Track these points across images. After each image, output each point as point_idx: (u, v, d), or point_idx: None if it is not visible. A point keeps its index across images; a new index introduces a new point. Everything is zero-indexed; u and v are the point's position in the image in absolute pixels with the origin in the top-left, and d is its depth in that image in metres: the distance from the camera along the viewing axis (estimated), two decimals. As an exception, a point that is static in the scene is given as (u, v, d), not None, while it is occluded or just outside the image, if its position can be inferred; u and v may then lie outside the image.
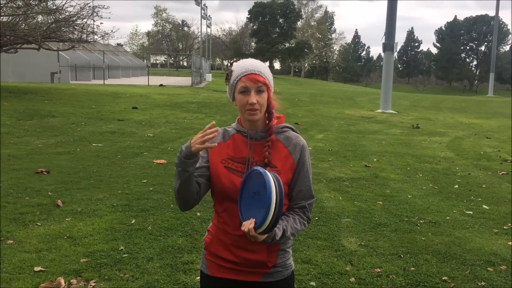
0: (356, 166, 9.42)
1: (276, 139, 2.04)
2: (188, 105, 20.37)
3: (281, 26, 68.06)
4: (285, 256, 2.10)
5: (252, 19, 69.05)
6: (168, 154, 9.79)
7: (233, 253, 2.04)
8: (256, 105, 1.95)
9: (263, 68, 2.03)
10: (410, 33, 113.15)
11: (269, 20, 66.92)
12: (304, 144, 2.07)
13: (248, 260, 2.03)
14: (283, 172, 2.00)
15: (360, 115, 21.12)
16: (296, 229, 2.01)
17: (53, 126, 13.12)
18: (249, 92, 1.96)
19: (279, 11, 66.43)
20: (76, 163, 8.51)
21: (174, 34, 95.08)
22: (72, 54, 31.59)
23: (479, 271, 4.40)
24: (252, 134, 2.03)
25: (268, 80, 2.01)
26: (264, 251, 2.02)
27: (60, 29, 21.09)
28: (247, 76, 1.96)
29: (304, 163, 2.05)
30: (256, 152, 2.02)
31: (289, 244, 2.13)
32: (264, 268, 2.05)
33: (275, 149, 2.03)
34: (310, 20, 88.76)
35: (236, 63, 2.07)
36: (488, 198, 7.27)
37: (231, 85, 2.01)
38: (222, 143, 2.09)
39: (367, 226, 5.62)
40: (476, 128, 17.71)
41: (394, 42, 23.23)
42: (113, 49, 47.61)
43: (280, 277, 2.09)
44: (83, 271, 4.08)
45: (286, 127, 2.10)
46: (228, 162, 2.04)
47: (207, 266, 2.15)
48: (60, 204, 5.90)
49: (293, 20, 68.82)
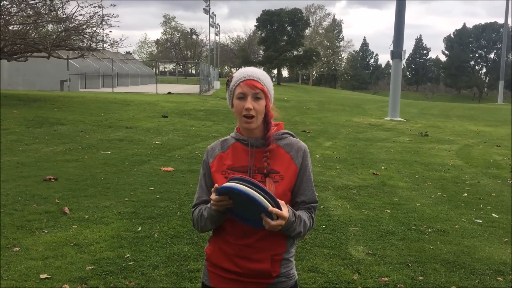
0: (364, 174, 9.37)
1: (277, 145, 2.03)
2: (196, 113, 20.42)
3: (289, 34, 68.19)
4: (289, 265, 2.07)
5: (260, 27, 69.23)
6: (176, 162, 9.80)
7: (236, 263, 2.00)
8: (252, 111, 1.94)
9: (263, 75, 2.02)
10: (419, 41, 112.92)
11: (277, 28, 67.07)
12: (306, 149, 2.06)
13: (251, 270, 2.00)
14: (286, 177, 1.98)
15: (368, 122, 21.05)
16: (306, 222, 1.97)
17: (62, 133, 13.20)
18: (246, 98, 1.95)
19: (287, 19, 66.58)
20: (84, 171, 8.54)
21: (183, 42, 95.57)
22: (81, 62, 31.86)
23: (488, 281, 4.33)
24: (253, 142, 2.02)
25: (267, 88, 2.00)
26: (268, 261, 1.99)
27: (70, 37, 21.30)
28: (245, 81, 1.96)
29: (306, 167, 2.03)
30: (257, 159, 2.01)
31: (292, 254, 2.10)
32: (267, 278, 2.01)
33: (276, 155, 2.01)
34: (318, 28, 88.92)
35: (238, 70, 2.08)
36: (498, 206, 7.19)
37: (230, 90, 2.02)
38: (221, 154, 2.09)
39: (375, 235, 5.57)
40: (485, 136, 17.57)
41: (402, 50, 23.17)
42: (122, 57, 47.99)
43: (284, 287, 2.06)
44: (88, 279, 4.07)
45: (286, 133, 2.09)
46: (228, 173, 2.03)
47: (209, 278, 2.11)
48: (67, 212, 5.91)
49: (301, 28, 68.93)
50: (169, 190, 7.31)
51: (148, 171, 8.75)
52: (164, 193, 7.08)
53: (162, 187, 7.51)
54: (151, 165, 9.41)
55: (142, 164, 9.48)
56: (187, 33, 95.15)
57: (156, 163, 9.56)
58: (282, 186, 1.97)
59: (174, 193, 7.13)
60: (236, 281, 2.04)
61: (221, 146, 2.11)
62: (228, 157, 2.06)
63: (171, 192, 7.16)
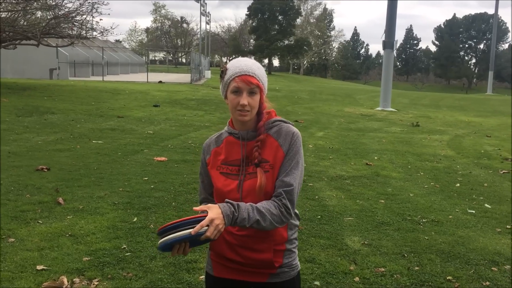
0: (357, 164, 9.40)
1: (267, 134, 2.01)
2: (188, 102, 20.32)
3: (280, 23, 67.89)
4: (291, 256, 2.08)
5: (251, 16, 68.85)
6: (169, 152, 9.76)
7: (238, 253, 2.01)
8: (246, 107, 1.93)
9: (258, 69, 2.00)
10: (409, 31, 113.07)
11: (268, 17, 66.74)
12: (294, 132, 1.99)
13: (254, 260, 2.00)
14: (276, 165, 1.96)
15: (360, 113, 21.10)
16: (268, 210, 1.86)
17: (53, 122, 13.07)
18: (241, 93, 1.94)
19: (278, 8, 66.26)
20: (77, 160, 8.48)
21: (173, 30, 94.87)
22: (71, 50, 31.49)
23: (483, 271, 4.38)
24: (244, 135, 2.02)
25: (261, 83, 1.98)
26: (271, 251, 1.99)
27: (59, 25, 20.99)
28: (241, 77, 1.94)
29: (290, 151, 1.96)
30: (250, 151, 2.01)
31: (295, 244, 2.10)
32: (270, 268, 2.02)
33: (266, 144, 1.99)
34: (309, 18, 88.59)
35: (231, 61, 2.05)
36: (490, 197, 7.26)
37: (225, 83, 2.00)
38: (216, 149, 2.10)
39: (370, 225, 5.60)
40: (476, 127, 17.70)
41: (394, 40, 23.19)
42: (112, 46, 47.49)
43: (287, 277, 2.06)
44: (85, 270, 4.05)
45: (277, 120, 2.06)
46: (222, 168, 2.04)
47: (212, 267, 2.13)
48: (61, 202, 5.86)
49: (292, 17, 68.63)
50: (163, 180, 7.28)
51: (141, 161, 8.71)
52: (158, 183, 7.05)
53: (156, 177, 7.47)
54: (144, 155, 9.36)
55: (135, 154, 9.43)
56: (177, 22, 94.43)
57: (149, 153, 9.52)
58: (271, 176, 1.95)
59: (169, 183, 7.10)
60: (239, 271, 2.05)
61: (216, 141, 2.12)
62: (222, 151, 2.07)
63: (165, 183, 7.13)
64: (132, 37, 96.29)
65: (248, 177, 1.97)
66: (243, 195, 1.96)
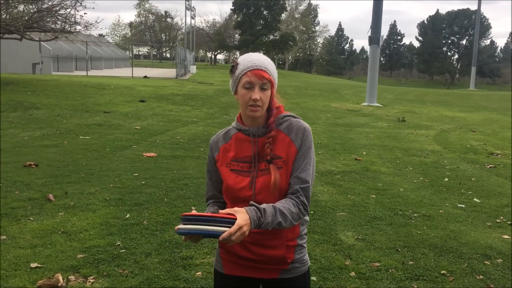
0: (346, 159, 9.45)
1: (278, 130, 1.99)
2: (174, 97, 20.19)
3: (266, 18, 67.77)
4: (302, 251, 2.08)
5: (236, 11, 68.63)
6: (157, 147, 9.69)
7: (250, 250, 1.99)
8: (258, 102, 1.90)
9: (269, 64, 1.98)
10: (393, 27, 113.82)
11: (254, 12, 66.59)
12: (306, 128, 1.99)
13: (266, 257, 1.99)
14: (289, 161, 1.94)
15: (346, 108, 21.19)
16: (288, 209, 1.86)
17: (38, 118, 12.89)
18: (253, 88, 1.91)
19: (263, 2, 66.11)
20: (65, 156, 8.37)
21: (157, 25, 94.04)
22: (54, 44, 31.00)
23: (476, 265, 4.43)
24: (254, 131, 1.99)
25: (273, 78, 1.96)
26: (283, 247, 1.98)
27: (43, 19, 20.66)
28: (253, 71, 1.91)
29: (303, 146, 1.96)
30: (261, 148, 1.98)
31: (305, 239, 2.11)
32: (282, 264, 2.02)
33: (278, 140, 1.97)
34: (294, 13, 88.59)
35: (242, 56, 2.02)
36: (479, 191, 7.36)
37: (235, 78, 1.96)
38: (224, 146, 2.06)
39: (363, 220, 5.63)
40: (460, 122, 17.90)
41: (380, 35, 23.31)
42: (96, 40, 46.94)
43: (298, 273, 2.07)
44: (80, 267, 4.00)
45: (287, 115, 2.04)
46: (233, 165, 2.01)
47: (222, 265, 2.11)
48: (51, 198, 5.79)
49: (277, 12, 68.56)
50: (153, 176, 7.24)
51: (130, 157, 8.63)
52: (149, 179, 7.00)
53: (147, 173, 7.42)
54: (132, 150, 9.29)
55: (124, 149, 9.35)
56: (161, 16, 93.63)
57: (138, 149, 9.44)
58: (285, 172, 1.94)
59: (159, 179, 7.06)
60: (250, 268, 2.03)
61: (224, 137, 2.08)
62: (231, 148, 2.03)
63: (156, 178, 7.08)
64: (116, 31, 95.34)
65: (261, 174, 1.94)
66: (256, 192, 1.93)
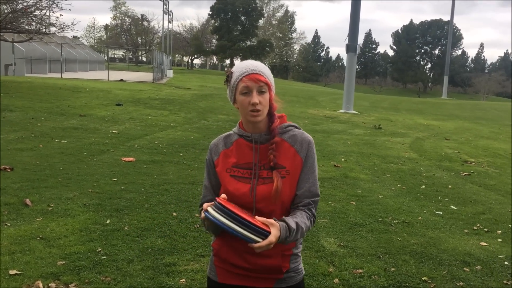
0: (325, 166, 9.51)
1: (281, 139, 1.99)
2: (151, 101, 20.02)
3: (243, 23, 68.02)
4: (297, 260, 2.07)
5: (214, 16, 68.65)
6: (136, 152, 9.58)
7: (245, 259, 1.97)
8: (258, 106, 1.90)
9: (264, 68, 1.98)
10: (368, 35, 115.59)
11: (231, 17, 66.75)
12: (310, 140, 2.02)
13: (261, 266, 1.97)
14: (292, 171, 1.95)
15: (324, 114, 21.36)
16: (306, 224, 1.91)
17: (12, 120, 12.60)
18: (251, 93, 1.90)
19: (241, 8, 66.35)
20: (41, 160, 8.20)
21: (134, 28, 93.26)
22: (27, 46, 30.42)
23: (456, 271, 4.51)
24: (257, 138, 1.98)
25: (269, 80, 1.96)
26: (279, 256, 1.97)
27: (17, 19, 20.27)
28: (248, 76, 1.90)
29: (309, 158, 1.99)
30: (262, 155, 1.97)
31: (300, 248, 2.10)
32: (277, 273, 2.00)
33: (281, 149, 1.97)
34: (272, 19, 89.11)
35: (235, 65, 2.03)
36: (455, 198, 7.49)
37: (232, 86, 1.95)
38: (225, 151, 2.04)
39: (344, 227, 5.67)
40: (434, 130, 18.23)
41: (357, 44, 23.61)
42: (70, 42, 46.23)
43: (293, 282, 2.05)
44: (61, 274, 3.91)
45: (290, 125, 2.05)
46: (233, 171, 1.99)
47: (216, 273, 2.08)
48: (29, 203, 5.66)
49: (255, 18, 68.91)
50: (133, 181, 7.14)
51: (108, 161, 8.51)
52: (128, 184, 6.91)
53: (126, 178, 7.32)
54: (110, 155, 9.16)
55: (101, 153, 9.21)
56: (138, 19, 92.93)
57: (116, 153, 9.31)
58: (289, 182, 1.94)
59: (139, 184, 6.97)
60: (245, 277, 2.01)
61: (224, 142, 2.06)
62: (232, 154, 2.01)
63: (135, 184, 7.00)
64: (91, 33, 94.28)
65: (262, 181, 1.93)
66: (256, 200, 1.92)
